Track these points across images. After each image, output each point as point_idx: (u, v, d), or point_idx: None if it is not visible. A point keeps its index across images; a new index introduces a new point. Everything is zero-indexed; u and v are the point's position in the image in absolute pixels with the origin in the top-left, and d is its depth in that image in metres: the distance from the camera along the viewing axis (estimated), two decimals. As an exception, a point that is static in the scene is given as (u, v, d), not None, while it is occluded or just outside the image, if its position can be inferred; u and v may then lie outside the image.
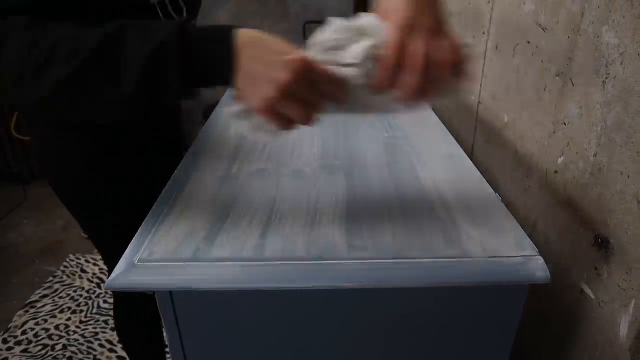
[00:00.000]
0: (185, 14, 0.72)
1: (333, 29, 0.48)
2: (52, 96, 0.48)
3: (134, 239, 0.59)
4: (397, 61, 0.47)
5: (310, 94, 0.48)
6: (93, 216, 0.90)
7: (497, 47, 0.97)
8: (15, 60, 0.47)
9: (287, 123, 0.50)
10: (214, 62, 0.48)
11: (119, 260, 0.55)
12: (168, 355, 1.13)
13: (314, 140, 0.89)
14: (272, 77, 0.46)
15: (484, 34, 1.04)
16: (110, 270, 0.79)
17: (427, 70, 0.47)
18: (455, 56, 0.48)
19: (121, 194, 0.87)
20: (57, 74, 0.47)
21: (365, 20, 0.49)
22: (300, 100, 0.48)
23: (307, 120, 0.50)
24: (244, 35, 0.48)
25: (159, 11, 0.71)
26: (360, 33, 0.48)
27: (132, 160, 0.86)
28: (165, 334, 0.61)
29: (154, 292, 0.56)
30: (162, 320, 0.59)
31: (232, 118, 0.52)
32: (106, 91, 0.48)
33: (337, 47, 0.48)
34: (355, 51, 0.47)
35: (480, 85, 1.07)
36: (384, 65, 0.48)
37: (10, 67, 0.48)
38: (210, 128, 0.98)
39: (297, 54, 0.47)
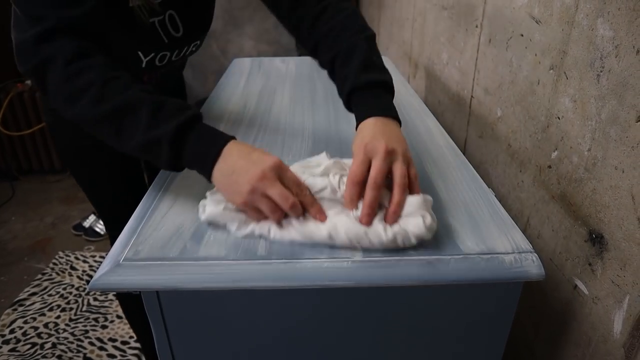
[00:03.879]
0: (182, 31, 0.82)
1: (312, 163, 0.62)
2: (76, 119, 0.62)
3: (119, 237, 0.58)
4: (358, 179, 0.57)
5: (280, 195, 0.55)
6: (101, 193, 1.01)
7: (490, 41, 0.96)
8: (56, 87, 0.61)
9: (259, 215, 0.58)
10: (197, 165, 0.60)
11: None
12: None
13: (304, 134, 0.88)
14: (249, 175, 0.55)
15: (476, 27, 1.02)
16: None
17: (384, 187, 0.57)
18: (408, 179, 0.58)
19: (127, 170, 0.99)
20: (82, 109, 0.60)
21: (327, 161, 0.61)
22: (272, 199, 0.55)
23: (276, 215, 0.56)
24: (231, 149, 0.58)
25: (159, 29, 0.78)
26: (329, 169, 0.60)
27: None
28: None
29: (139, 292, 0.54)
30: (149, 320, 0.57)
31: (210, 220, 0.60)
32: (112, 141, 0.61)
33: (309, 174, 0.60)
34: (320, 183, 0.59)
35: (473, 79, 1.06)
36: (348, 183, 0.57)
37: (53, 89, 0.61)
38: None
39: (273, 158, 0.57)
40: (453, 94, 1.21)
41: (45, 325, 1.63)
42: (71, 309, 1.72)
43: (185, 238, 0.57)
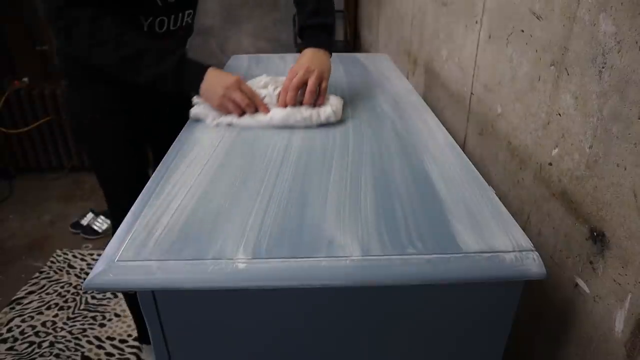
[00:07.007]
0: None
1: (257, 81, 0.96)
2: (100, 61, 0.88)
3: (113, 236, 0.57)
4: (286, 88, 0.91)
5: (241, 98, 0.89)
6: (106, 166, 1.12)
7: (490, 37, 0.95)
8: (82, 38, 0.85)
9: (230, 112, 0.90)
10: (191, 87, 0.91)
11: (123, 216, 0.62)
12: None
13: (303, 134, 0.87)
14: (223, 84, 0.88)
15: (476, 23, 1.02)
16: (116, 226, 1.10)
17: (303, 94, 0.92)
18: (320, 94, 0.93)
19: (129, 144, 1.11)
20: (103, 55, 0.87)
21: (272, 79, 0.97)
22: (236, 101, 0.89)
23: (238, 111, 0.90)
24: (212, 72, 0.91)
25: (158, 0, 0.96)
26: (267, 83, 0.95)
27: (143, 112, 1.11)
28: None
29: (135, 291, 0.54)
30: (145, 319, 0.56)
31: (196, 116, 0.93)
32: (130, 74, 0.88)
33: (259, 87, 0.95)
34: (263, 92, 0.93)
35: (473, 76, 1.05)
36: (283, 90, 0.91)
37: (79, 39, 0.86)
38: (196, 121, 0.95)
39: (235, 77, 0.89)
40: (453, 90, 1.20)
41: (43, 324, 1.63)
42: (69, 307, 1.71)
43: (180, 237, 0.56)
